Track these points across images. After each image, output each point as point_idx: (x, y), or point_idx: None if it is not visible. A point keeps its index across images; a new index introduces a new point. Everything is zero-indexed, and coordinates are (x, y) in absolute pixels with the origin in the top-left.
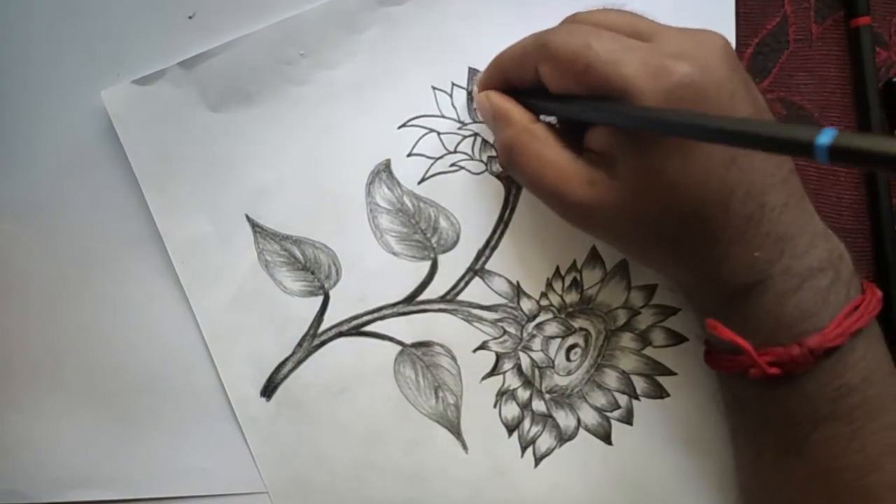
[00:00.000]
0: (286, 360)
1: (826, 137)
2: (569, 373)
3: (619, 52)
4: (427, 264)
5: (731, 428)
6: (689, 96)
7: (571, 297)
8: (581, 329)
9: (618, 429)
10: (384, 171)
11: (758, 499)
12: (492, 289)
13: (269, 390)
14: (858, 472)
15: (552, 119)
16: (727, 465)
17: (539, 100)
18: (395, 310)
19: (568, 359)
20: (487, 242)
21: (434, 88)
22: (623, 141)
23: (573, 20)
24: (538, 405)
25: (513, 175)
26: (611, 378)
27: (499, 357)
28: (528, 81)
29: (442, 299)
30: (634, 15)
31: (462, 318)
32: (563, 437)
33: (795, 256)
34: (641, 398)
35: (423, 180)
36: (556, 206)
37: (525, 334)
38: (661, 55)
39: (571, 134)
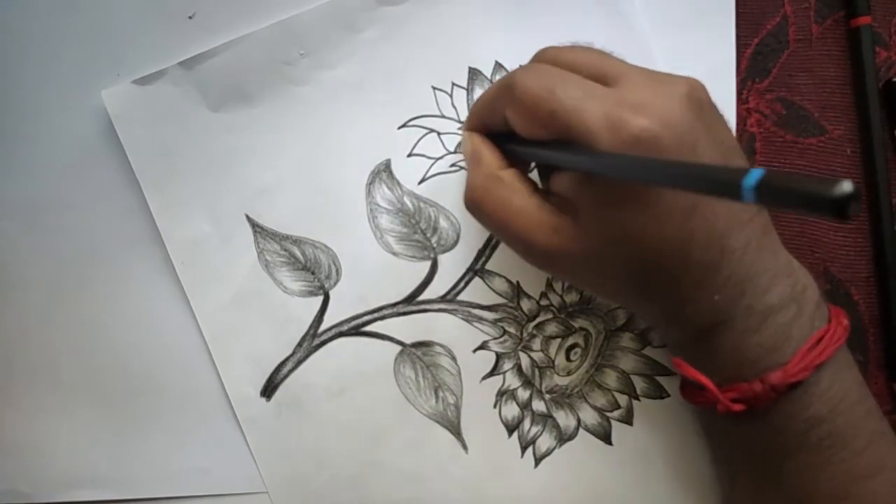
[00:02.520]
0: (286, 360)
1: (753, 178)
2: (569, 373)
3: (581, 100)
4: (427, 264)
5: (710, 457)
6: (648, 150)
7: (571, 297)
8: (581, 329)
9: (618, 429)
10: (384, 171)
11: None
12: (492, 289)
13: (269, 390)
14: (830, 499)
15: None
16: None
17: (511, 144)
18: (395, 310)
19: (568, 359)
20: (487, 242)
21: (434, 88)
22: (585, 189)
23: (541, 58)
24: (538, 405)
25: (476, 219)
26: (611, 378)
27: (499, 357)
28: (500, 125)
29: (442, 299)
30: (602, 55)
31: (462, 318)
32: (563, 437)
33: (756, 295)
34: (641, 398)
35: (423, 180)
36: (520, 252)
37: (525, 334)
38: (622, 106)
39: (546, 178)
